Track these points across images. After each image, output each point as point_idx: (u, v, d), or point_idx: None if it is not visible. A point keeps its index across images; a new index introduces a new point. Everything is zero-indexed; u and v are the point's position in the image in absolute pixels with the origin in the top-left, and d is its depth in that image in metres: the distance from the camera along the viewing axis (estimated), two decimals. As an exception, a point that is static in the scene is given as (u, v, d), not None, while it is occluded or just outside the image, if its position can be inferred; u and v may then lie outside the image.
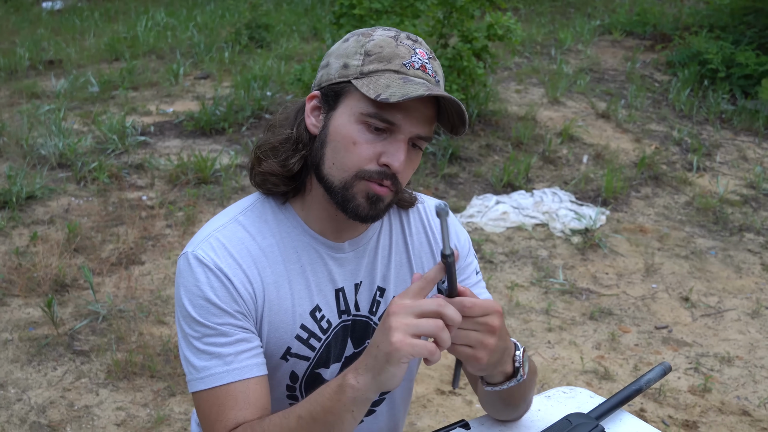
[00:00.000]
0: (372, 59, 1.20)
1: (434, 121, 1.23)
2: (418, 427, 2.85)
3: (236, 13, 9.57)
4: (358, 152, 1.20)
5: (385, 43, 1.21)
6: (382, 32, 1.24)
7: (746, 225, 4.74)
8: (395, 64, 1.19)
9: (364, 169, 1.20)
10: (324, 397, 1.11)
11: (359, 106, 1.19)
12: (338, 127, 1.22)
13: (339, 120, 1.22)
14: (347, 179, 1.21)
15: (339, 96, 1.23)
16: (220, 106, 5.83)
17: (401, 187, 1.24)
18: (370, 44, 1.22)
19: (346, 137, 1.21)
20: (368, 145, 1.20)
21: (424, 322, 1.03)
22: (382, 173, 1.20)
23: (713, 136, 6.02)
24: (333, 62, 1.24)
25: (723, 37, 7.34)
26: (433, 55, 1.26)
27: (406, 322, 1.03)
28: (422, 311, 1.04)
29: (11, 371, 3.11)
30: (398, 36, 1.23)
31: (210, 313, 1.22)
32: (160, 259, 3.98)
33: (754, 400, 3.13)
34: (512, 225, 4.53)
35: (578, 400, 1.53)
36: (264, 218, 1.31)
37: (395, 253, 1.39)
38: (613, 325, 3.63)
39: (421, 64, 1.21)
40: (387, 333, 1.03)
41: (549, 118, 6.01)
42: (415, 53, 1.22)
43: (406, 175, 1.24)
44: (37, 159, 4.99)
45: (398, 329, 1.02)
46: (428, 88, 1.15)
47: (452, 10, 5.27)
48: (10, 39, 8.81)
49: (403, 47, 1.21)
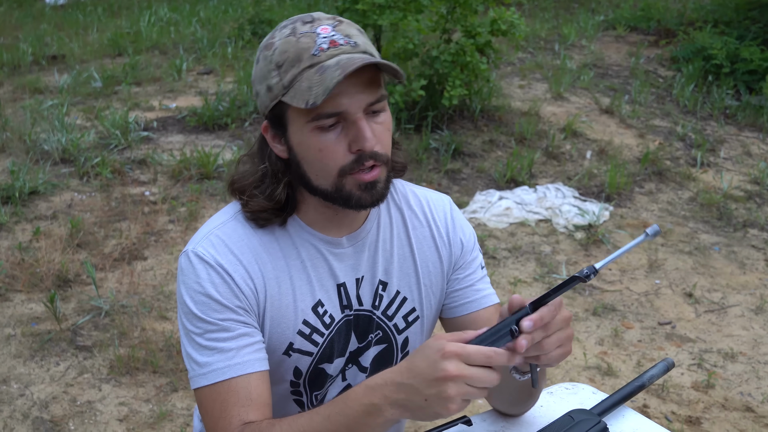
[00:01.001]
0: (285, 69, 1.18)
1: (377, 79, 1.20)
2: (420, 423, 2.85)
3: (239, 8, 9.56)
4: (330, 156, 1.19)
5: (286, 46, 1.18)
6: (279, 34, 1.21)
7: (750, 221, 4.73)
8: (306, 60, 1.17)
9: (343, 167, 1.20)
10: (348, 417, 1.09)
11: (301, 118, 1.19)
12: (299, 144, 1.22)
13: (296, 138, 1.22)
14: (335, 182, 1.21)
15: (281, 118, 1.22)
16: (223, 102, 5.83)
17: (386, 156, 1.23)
18: (276, 55, 1.19)
19: (311, 149, 1.20)
20: (334, 145, 1.19)
21: (477, 391, 1.02)
22: (360, 159, 1.19)
23: (717, 132, 6.00)
24: (259, 89, 1.23)
25: (727, 33, 7.31)
26: (338, 20, 1.22)
27: (464, 391, 1.01)
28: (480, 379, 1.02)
29: (14, 366, 3.12)
30: (295, 29, 1.20)
31: (211, 309, 1.22)
32: (163, 254, 3.98)
33: (758, 396, 3.12)
34: (515, 221, 4.53)
35: (581, 396, 1.52)
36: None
37: (398, 247, 1.39)
38: (616, 321, 3.62)
39: (329, 41, 1.18)
40: (445, 400, 1.01)
41: (552, 114, 5.99)
42: (317, 35, 1.18)
43: (383, 143, 1.22)
44: (40, 154, 4.99)
45: (457, 399, 1.01)
46: (342, 67, 1.13)
47: (455, 6, 5.25)
48: (14, 34, 8.81)
49: (305, 38, 1.18)
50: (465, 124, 5.62)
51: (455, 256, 1.43)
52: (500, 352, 1.02)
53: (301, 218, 1.31)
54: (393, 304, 1.38)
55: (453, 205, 1.46)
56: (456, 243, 1.42)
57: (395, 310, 1.39)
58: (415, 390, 1.02)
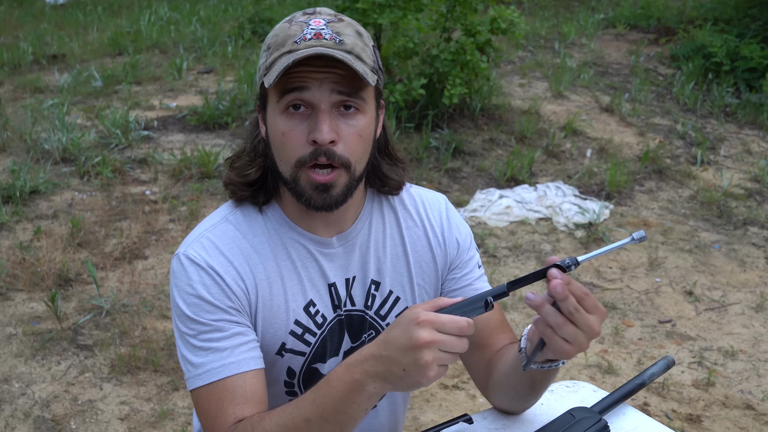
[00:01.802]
0: (270, 52, 1.21)
1: (358, 81, 1.18)
2: (422, 422, 2.85)
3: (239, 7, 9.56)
4: (290, 141, 1.20)
5: (278, 30, 1.22)
6: (283, 21, 1.25)
7: (750, 219, 4.73)
8: (288, 45, 1.18)
9: (299, 157, 1.20)
10: (333, 398, 1.09)
11: (273, 100, 1.21)
12: (271, 126, 1.24)
13: (270, 120, 1.24)
14: (292, 172, 1.22)
15: (264, 98, 1.25)
16: (223, 101, 5.83)
17: (346, 160, 1.21)
18: (269, 38, 1.23)
19: (276, 131, 1.22)
20: (296, 131, 1.19)
21: (450, 356, 1.03)
22: (315, 153, 1.19)
23: (717, 130, 6.00)
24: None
25: (727, 30, 7.31)
26: (339, 17, 1.23)
27: (439, 357, 1.02)
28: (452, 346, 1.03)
29: (15, 365, 3.12)
30: (293, 17, 1.23)
31: (203, 310, 1.23)
32: (164, 253, 3.99)
33: (758, 393, 3.12)
34: (516, 219, 4.53)
35: (581, 394, 1.53)
36: (253, 216, 1.32)
37: (391, 246, 1.38)
38: (616, 319, 3.62)
39: (315, 33, 1.18)
40: (422, 367, 1.02)
41: (552, 112, 5.99)
42: (308, 26, 1.20)
43: (348, 146, 1.21)
44: (40, 153, 4.99)
45: (433, 365, 1.02)
46: (303, 55, 1.14)
47: (455, 4, 5.25)
48: (14, 33, 8.81)
49: (296, 25, 1.21)
50: (465, 122, 5.62)
51: (451, 256, 1.42)
52: (472, 323, 1.05)
53: (289, 216, 1.32)
54: (386, 303, 1.39)
55: (449, 204, 1.46)
56: (451, 243, 1.42)
57: (388, 309, 1.39)
58: (392, 360, 1.04)
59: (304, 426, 1.11)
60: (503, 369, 1.33)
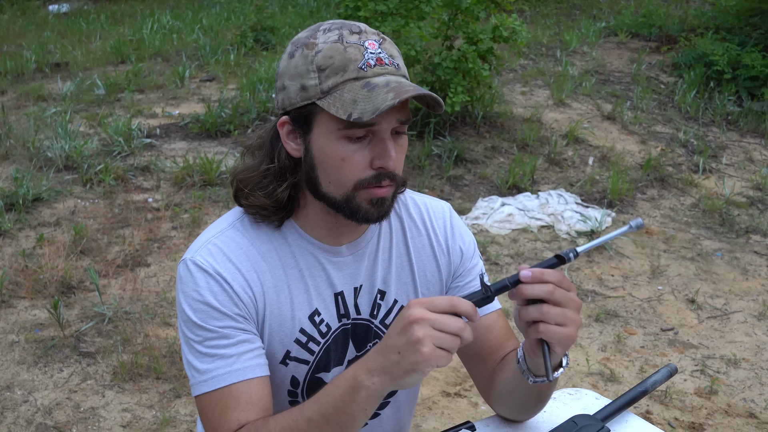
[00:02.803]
0: (327, 74, 1.17)
1: (407, 102, 1.20)
2: (424, 429, 2.85)
3: (241, 15, 9.58)
4: (351, 166, 1.20)
5: (333, 51, 1.18)
6: (324, 38, 1.19)
7: (752, 227, 4.73)
8: (351, 71, 1.17)
9: (360, 180, 1.20)
10: (334, 397, 1.11)
11: (333, 125, 1.18)
12: (321, 148, 1.21)
13: (319, 142, 1.21)
14: (347, 193, 1.22)
15: (309, 118, 1.21)
16: (225, 109, 5.84)
17: (401, 179, 1.26)
18: (319, 57, 1.18)
19: (333, 156, 1.20)
20: (357, 156, 1.19)
21: (449, 336, 1.04)
22: (378, 177, 1.20)
23: (719, 138, 6.00)
24: (289, 85, 1.21)
25: (729, 39, 7.32)
26: (382, 36, 1.22)
27: (432, 334, 1.03)
28: (444, 323, 1.04)
29: (17, 373, 3.12)
30: (342, 36, 1.19)
31: (210, 317, 1.23)
32: (166, 261, 3.99)
33: (761, 402, 3.12)
34: (518, 227, 4.53)
35: (584, 402, 1.52)
36: (261, 224, 1.31)
37: (396, 256, 1.39)
38: (618, 327, 3.62)
39: (376, 58, 1.18)
40: (414, 344, 1.03)
41: (554, 120, 6.00)
42: (365, 49, 1.18)
43: (399, 165, 1.24)
44: (43, 161, 5.00)
45: (426, 341, 1.02)
46: (395, 90, 1.14)
47: (457, 12, 5.27)
48: (17, 42, 8.84)
49: (352, 48, 1.18)
50: (467, 130, 5.63)
51: (455, 264, 1.43)
52: (464, 301, 1.06)
53: (300, 224, 1.31)
54: (391, 313, 1.39)
55: (453, 212, 1.46)
56: (455, 251, 1.43)
57: (393, 318, 1.39)
58: (388, 347, 1.06)
59: (305, 426, 1.12)
60: (507, 382, 1.33)
